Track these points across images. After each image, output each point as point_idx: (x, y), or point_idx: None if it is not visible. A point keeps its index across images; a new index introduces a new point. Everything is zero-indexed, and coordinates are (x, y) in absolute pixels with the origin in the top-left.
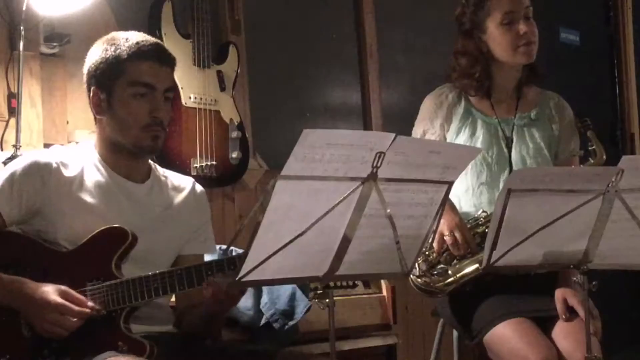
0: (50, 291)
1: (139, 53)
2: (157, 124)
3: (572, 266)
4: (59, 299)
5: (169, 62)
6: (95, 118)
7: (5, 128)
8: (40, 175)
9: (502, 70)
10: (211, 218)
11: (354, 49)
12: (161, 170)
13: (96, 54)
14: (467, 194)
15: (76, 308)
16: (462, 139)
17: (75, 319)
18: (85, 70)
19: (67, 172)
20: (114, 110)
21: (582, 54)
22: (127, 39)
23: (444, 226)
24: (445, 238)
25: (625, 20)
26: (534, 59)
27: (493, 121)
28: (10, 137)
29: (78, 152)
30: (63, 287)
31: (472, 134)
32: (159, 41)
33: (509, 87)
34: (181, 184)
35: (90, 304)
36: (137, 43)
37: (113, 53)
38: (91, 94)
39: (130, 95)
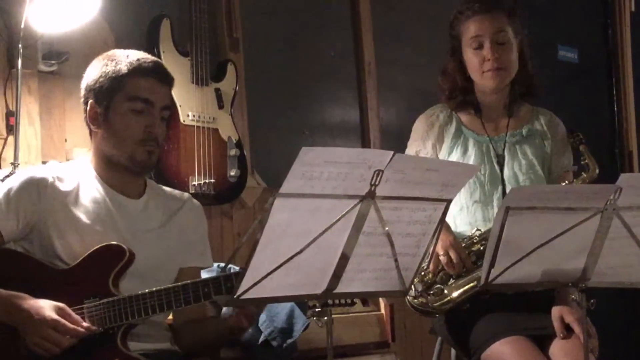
0: (47, 307)
1: (139, 69)
2: (152, 139)
3: (570, 284)
4: (54, 315)
5: (168, 80)
6: (90, 133)
7: (3, 146)
8: (36, 189)
9: (481, 90)
10: (209, 235)
11: (352, 66)
12: (157, 186)
13: (96, 68)
14: (461, 212)
15: (70, 326)
16: (454, 158)
17: (67, 337)
18: (83, 85)
19: (63, 187)
20: (110, 124)
21: (581, 71)
22: (127, 56)
23: (438, 246)
24: (440, 258)
25: (623, 38)
26: (503, 85)
27: (484, 139)
28: (8, 154)
29: (74, 167)
30: (61, 305)
31: (464, 152)
32: (159, 60)
33: (498, 105)
34: (177, 198)
35: (85, 324)
36: (138, 60)
37: (113, 68)
38: (88, 108)
39: (128, 109)
